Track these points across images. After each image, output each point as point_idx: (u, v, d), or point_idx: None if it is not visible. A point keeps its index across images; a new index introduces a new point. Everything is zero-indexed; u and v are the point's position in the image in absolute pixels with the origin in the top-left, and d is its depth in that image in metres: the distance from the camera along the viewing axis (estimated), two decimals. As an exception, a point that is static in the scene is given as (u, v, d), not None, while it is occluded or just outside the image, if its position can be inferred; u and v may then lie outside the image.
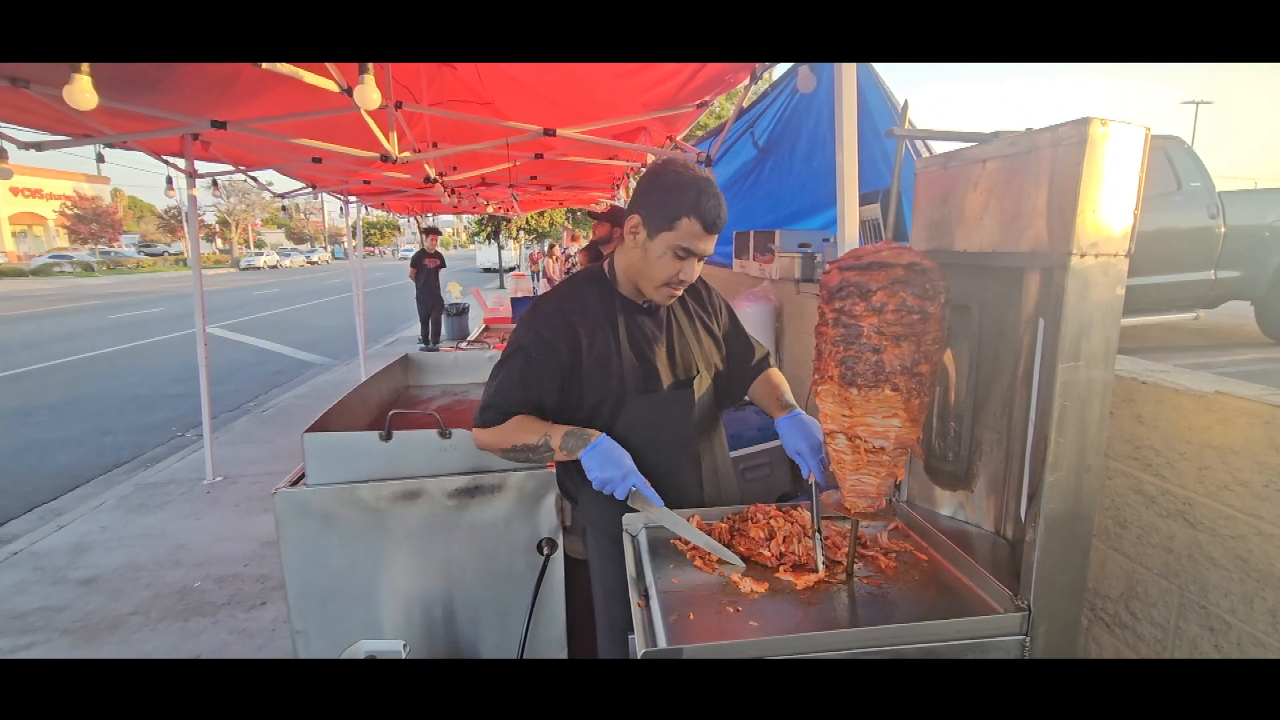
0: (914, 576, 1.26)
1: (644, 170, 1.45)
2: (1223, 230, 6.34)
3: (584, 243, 10.79)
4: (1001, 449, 1.31)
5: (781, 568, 1.27)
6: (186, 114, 3.34)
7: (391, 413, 1.85)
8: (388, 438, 1.84)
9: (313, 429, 1.87)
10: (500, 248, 22.96)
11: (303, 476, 1.86)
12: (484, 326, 5.42)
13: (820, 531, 1.30)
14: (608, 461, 1.38)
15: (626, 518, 1.46)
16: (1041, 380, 1.06)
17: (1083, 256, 0.98)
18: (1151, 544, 1.48)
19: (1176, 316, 6.53)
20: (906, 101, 1.39)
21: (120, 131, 3.52)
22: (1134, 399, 1.49)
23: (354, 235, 9.26)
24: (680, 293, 1.50)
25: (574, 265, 8.70)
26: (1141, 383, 1.47)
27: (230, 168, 4.98)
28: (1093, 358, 1.02)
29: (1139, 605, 1.52)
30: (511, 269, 20.56)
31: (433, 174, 4.49)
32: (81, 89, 2.01)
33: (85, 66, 2.00)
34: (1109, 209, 0.98)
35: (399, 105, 3.27)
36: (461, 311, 9.71)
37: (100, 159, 3.79)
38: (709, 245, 1.43)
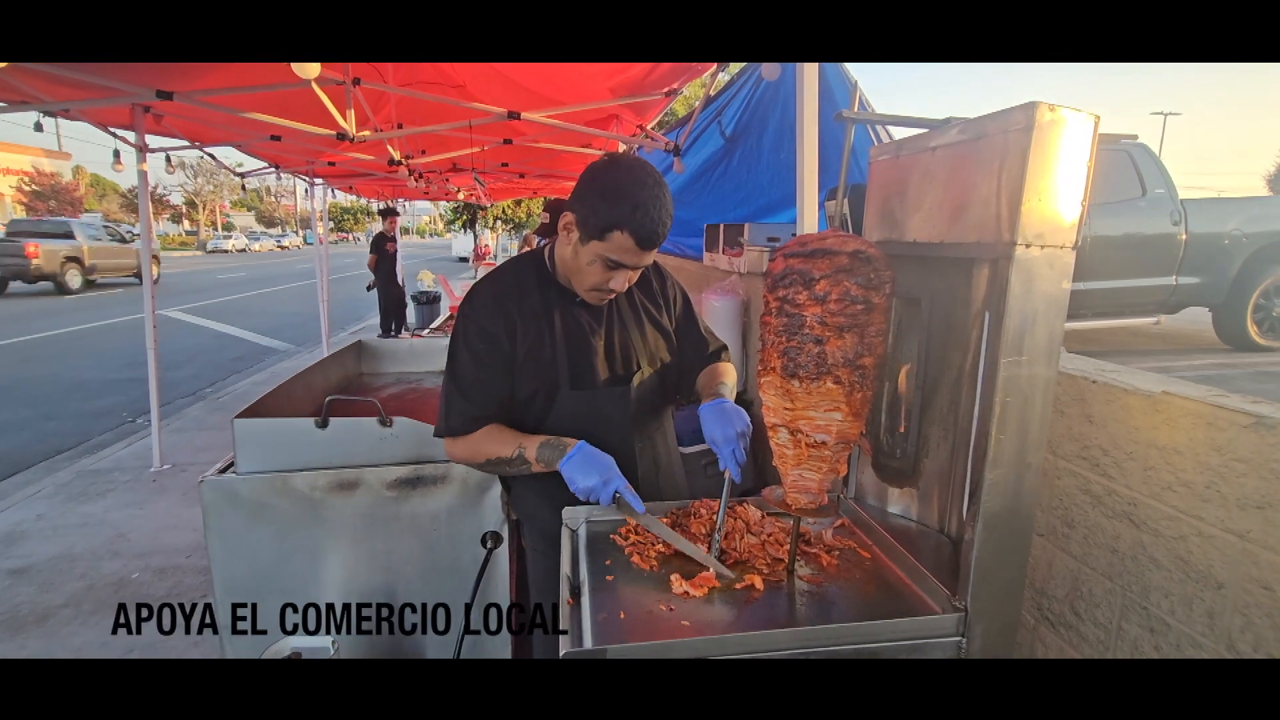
0: (855, 575, 1.22)
1: (592, 163, 1.35)
2: (1184, 237, 6.49)
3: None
4: (948, 445, 1.28)
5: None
6: (132, 83, 3.17)
7: (328, 398, 1.77)
8: (324, 425, 1.75)
9: (245, 414, 1.78)
10: (476, 237, 22.68)
11: (233, 464, 1.76)
12: (448, 315, 5.31)
13: (720, 532, 1.26)
14: (588, 469, 1.29)
15: (567, 511, 1.41)
16: (984, 376, 1.02)
17: (1028, 247, 0.95)
18: (1097, 544, 1.47)
19: (1138, 321, 6.67)
20: (857, 83, 1.34)
21: (60, 99, 3.34)
22: (1084, 398, 1.48)
23: (320, 219, 9.02)
24: (609, 299, 1.42)
25: None
26: (1092, 382, 1.46)
27: (185, 143, 4.78)
28: (1035, 353, 0.99)
29: (1083, 605, 1.51)
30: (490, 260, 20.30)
31: (397, 156, 4.36)
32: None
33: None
34: (1056, 198, 0.95)
35: (357, 81, 3.15)
36: (432, 300, 9.51)
37: (39, 128, 3.60)
38: (644, 259, 1.33)
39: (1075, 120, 0.94)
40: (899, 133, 1.86)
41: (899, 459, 1.39)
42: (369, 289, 9.15)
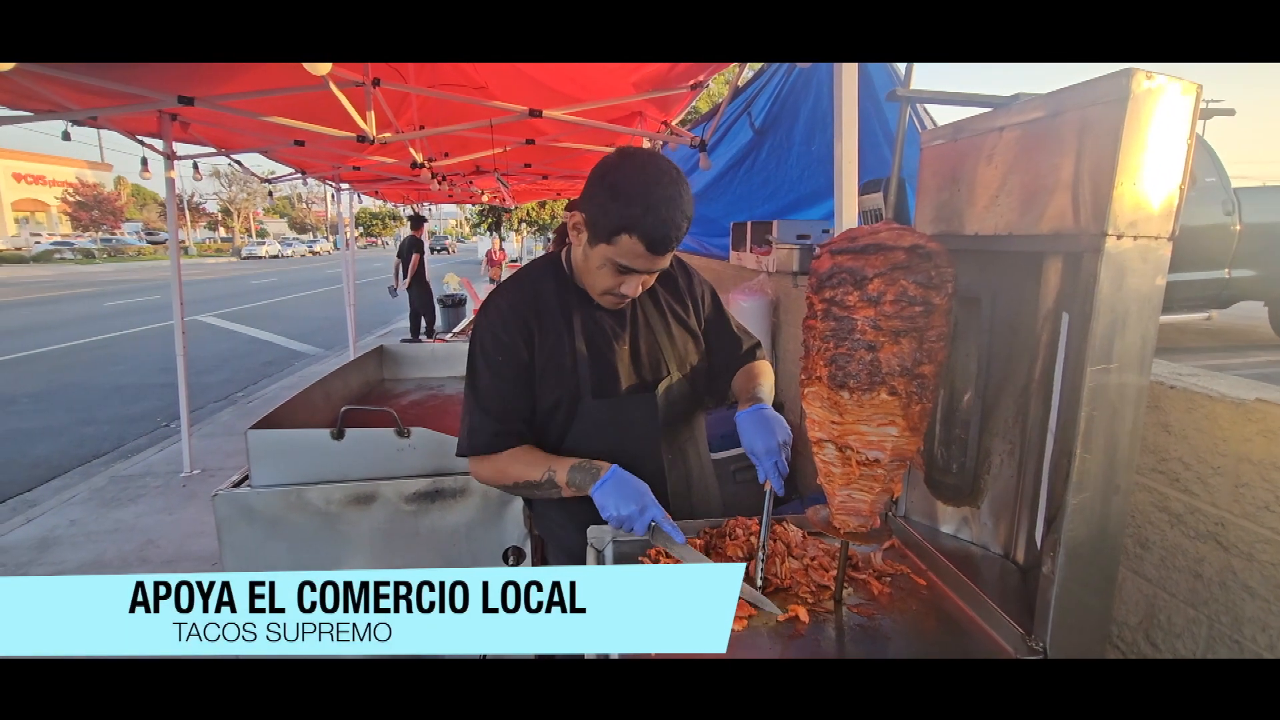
0: (911, 605, 1.10)
1: (603, 159, 1.25)
2: (1238, 228, 6.15)
3: None
4: (1014, 461, 1.15)
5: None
6: (155, 89, 3.17)
7: (344, 409, 1.70)
8: (340, 436, 1.69)
9: (260, 425, 1.72)
10: (501, 239, 22.80)
11: (248, 477, 1.71)
12: (472, 318, 5.27)
13: (763, 552, 1.15)
14: (623, 496, 1.20)
15: (592, 530, 1.31)
16: (1065, 385, 0.90)
17: (1120, 238, 0.82)
18: (1177, 567, 1.32)
19: (1188, 316, 6.35)
20: (910, 64, 1.22)
21: (86, 107, 3.36)
22: (1161, 405, 1.33)
23: (347, 223, 9.09)
24: (625, 303, 1.33)
25: None
26: (1170, 387, 1.31)
27: (212, 150, 4.81)
28: (1127, 360, 0.86)
29: (1161, 635, 1.36)
30: (513, 261, 20.38)
31: (419, 159, 4.32)
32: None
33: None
34: (1152, 181, 0.82)
35: (376, 83, 3.10)
36: (458, 303, 9.53)
37: (66, 137, 3.64)
38: (657, 263, 1.23)
39: (1174, 90, 0.81)
40: (942, 119, 1.73)
41: (955, 474, 1.26)
42: (392, 292, 9.24)
